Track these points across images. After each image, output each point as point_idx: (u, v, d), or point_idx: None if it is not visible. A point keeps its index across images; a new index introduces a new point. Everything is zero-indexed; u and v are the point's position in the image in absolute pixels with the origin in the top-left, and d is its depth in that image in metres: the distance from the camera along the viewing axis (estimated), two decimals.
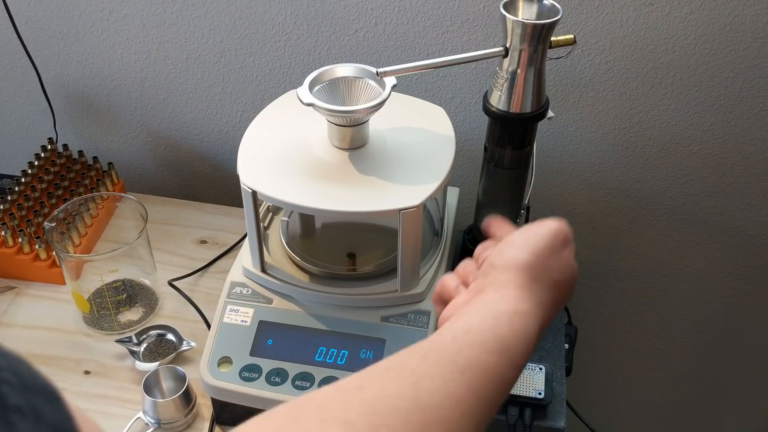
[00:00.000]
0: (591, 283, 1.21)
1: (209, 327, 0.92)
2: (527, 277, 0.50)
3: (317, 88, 0.75)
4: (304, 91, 0.73)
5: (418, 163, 0.77)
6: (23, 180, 1.04)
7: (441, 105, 0.87)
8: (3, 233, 0.97)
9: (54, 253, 0.97)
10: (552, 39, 0.74)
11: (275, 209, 0.92)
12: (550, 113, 0.79)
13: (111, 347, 0.91)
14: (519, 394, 0.80)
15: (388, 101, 0.73)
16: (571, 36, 0.75)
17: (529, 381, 0.82)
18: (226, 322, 0.81)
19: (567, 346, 0.91)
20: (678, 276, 1.17)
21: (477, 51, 0.75)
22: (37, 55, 1.09)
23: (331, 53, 1.02)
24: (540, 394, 0.81)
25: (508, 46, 0.74)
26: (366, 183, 0.75)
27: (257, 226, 0.79)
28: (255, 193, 0.74)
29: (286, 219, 0.89)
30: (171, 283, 0.99)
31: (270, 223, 0.91)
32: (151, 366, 0.86)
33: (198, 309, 0.96)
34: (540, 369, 0.83)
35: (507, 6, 0.73)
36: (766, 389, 1.32)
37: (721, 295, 1.18)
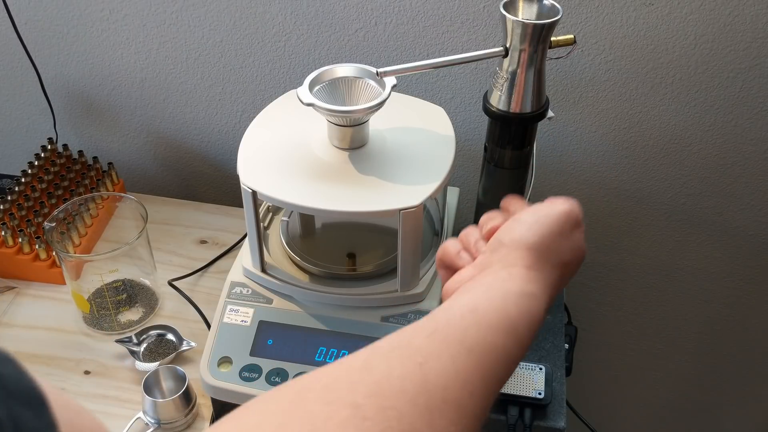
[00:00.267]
0: (591, 283, 1.21)
1: (209, 327, 0.92)
2: (536, 258, 0.49)
3: (317, 88, 0.74)
4: (304, 91, 0.73)
5: (418, 163, 0.77)
6: (23, 180, 1.04)
7: (441, 105, 0.87)
8: (3, 233, 0.97)
9: (54, 253, 0.97)
10: (552, 39, 0.74)
11: (275, 209, 0.92)
12: (550, 113, 0.79)
13: (111, 347, 0.91)
14: (519, 394, 0.80)
15: (388, 101, 0.73)
16: (571, 36, 0.75)
17: (529, 381, 0.82)
18: (226, 322, 0.81)
19: (567, 346, 0.91)
20: (678, 276, 1.17)
21: (477, 51, 0.75)
22: (37, 55, 1.09)
23: (331, 53, 1.02)
24: (540, 394, 0.81)
25: (508, 46, 0.74)
26: (366, 183, 0.75)
27: (257, 226, 0.79)
28: (255, 193, 0.74)
29: (286, 219, 0.89)
30: (171, 283, 0.99)
31: (270, 223, 0.91)
32: (151, 366, 0.86)
33: (198, 309, 0.96)
34: (540, 369, 0.83)
35: (507, 6, 0.73)
36: (766, 389, 1.32)
37: (721, 295, 1.18)
